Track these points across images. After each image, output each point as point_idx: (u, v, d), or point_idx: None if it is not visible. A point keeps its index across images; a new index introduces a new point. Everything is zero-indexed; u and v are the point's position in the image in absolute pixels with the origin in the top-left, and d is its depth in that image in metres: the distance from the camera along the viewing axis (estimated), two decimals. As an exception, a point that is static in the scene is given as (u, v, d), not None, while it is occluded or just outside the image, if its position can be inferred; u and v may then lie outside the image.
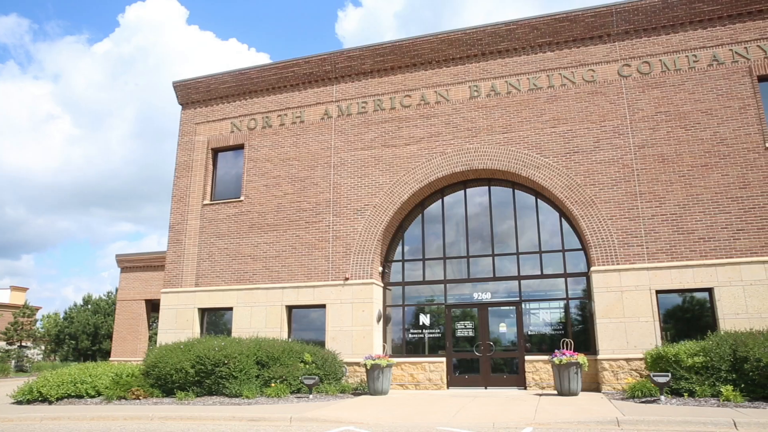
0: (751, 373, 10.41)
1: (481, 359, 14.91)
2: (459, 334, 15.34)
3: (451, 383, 14.90)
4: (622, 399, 11.50)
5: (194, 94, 18.90)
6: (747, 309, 12.57)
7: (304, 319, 16.22)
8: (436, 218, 16.29)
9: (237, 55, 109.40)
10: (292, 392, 13.24)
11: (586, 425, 8.75)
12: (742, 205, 13.16)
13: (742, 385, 10.53)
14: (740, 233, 13.03)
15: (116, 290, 32.77)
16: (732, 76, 13.93)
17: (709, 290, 13.06)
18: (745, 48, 13.96)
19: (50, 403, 12.97)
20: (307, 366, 13.72)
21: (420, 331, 15.68)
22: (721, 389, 10.41)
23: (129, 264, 25.64)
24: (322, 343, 15.28)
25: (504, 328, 15.15)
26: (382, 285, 16.04)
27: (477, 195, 16.11)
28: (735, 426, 8.17)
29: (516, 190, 15.67)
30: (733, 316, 12.60)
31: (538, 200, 15.39)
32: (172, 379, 13.34)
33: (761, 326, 11.87)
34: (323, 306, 15.70)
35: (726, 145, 13.59)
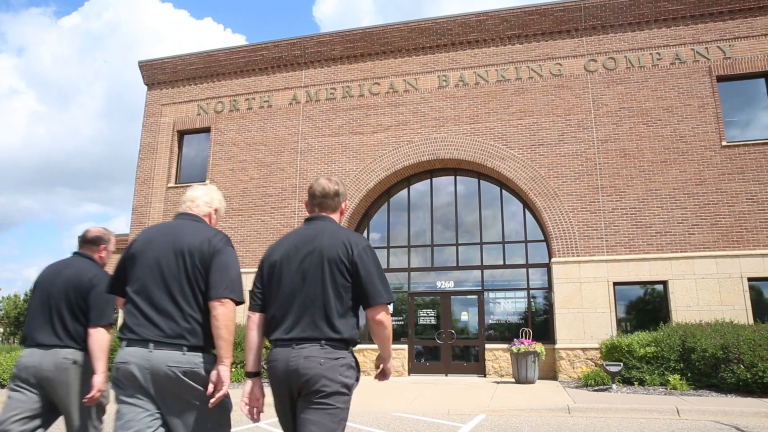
0: (697, 363, 10.80)
1: (442, 347, 15.11)
2: (422, 321, 15.50)
3: (412, 370, 15.08)
4: (577, 387, 11.81)
5: (160, 75, 18.53)
6: (698, 302, 12.99)
7: (268, 304, 16.16)
8: (401, 206, 16.36)
9: (212, 36, 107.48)
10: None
11: (537, 412, 8.96)
12: (697, 201, 13.54)
13: (689, 375, 10.92)
14: (695, 228, 13.42)
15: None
16: (693, 75, 14.25)
17: (664, 283, 13.44)
18: (706, 48, 14.29)
19: (3, 386, 12.71)
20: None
21: (383, 318, 15.77)
22: (669, 378, 10.77)
23: (91, 246, 25.16)
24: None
25: (466, 317, 15.37)
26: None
27: (443, 184, 16.23)
28: (678, 413, 8.47)
29: (482, 181, 15.82)
30: (685, 308, 13.01)
31: (503, 191, 15.57)
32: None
33: (710, 318, 12.28)
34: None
35: (685, 142, 13.93)
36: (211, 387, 2.59)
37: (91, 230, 3.75)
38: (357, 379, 2.60)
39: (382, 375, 2.81)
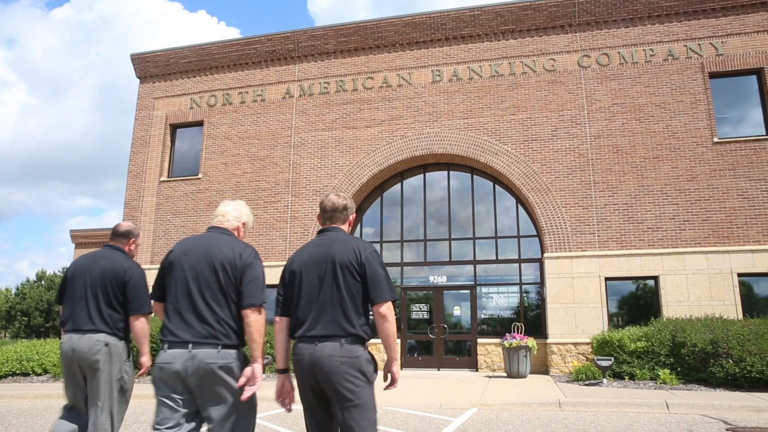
0: (687, 358, 10.89)
1: (434, 341, 15.16)
2: (414, 316, 15.54)
3: (405, 364, 15.13)
4: (568, 382, 11.89)
5: (153, 68, 18.42)
6: (689, 297, 13.08)
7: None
8: (395, 201, 16.37)
9: (206, 29, 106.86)
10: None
11: (528, 407, 9.01)
12: (689, 197, 13.62)
13: (679, 369, 11.02)
14: (686, 224, 13.50)
15: (71, 266, 32.01)
16: (685, 71, 14.30)
17: (655, 278, 13.53)
18: (699, 45, 14.34)
19: (-6, 380, 12.68)
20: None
21: (376, 313, 15.81)
22: (659, 373, 10.86)
23: (84, 240, 25.00)
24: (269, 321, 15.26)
25: (458, 312, 15.43)
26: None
27: (436, 179, 16.25)
28: (667, 407, 8.54)
29: (475, 176, 15.85)
30: (676, 303, 13.10)
31: (496, 186, 15.61)
32: (122, 357, 13.16)
33: (700, 313, 12.38)
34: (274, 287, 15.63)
35: (677, 138, 14.00)
36: (243, 380, 2.95)
37: (122, 224, 4.11)
38: (375, 370, 2.94)
39: (392, 383, 3.03)
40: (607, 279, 13.77)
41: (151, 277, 3.39)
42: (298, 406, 3.05)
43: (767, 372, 9.85)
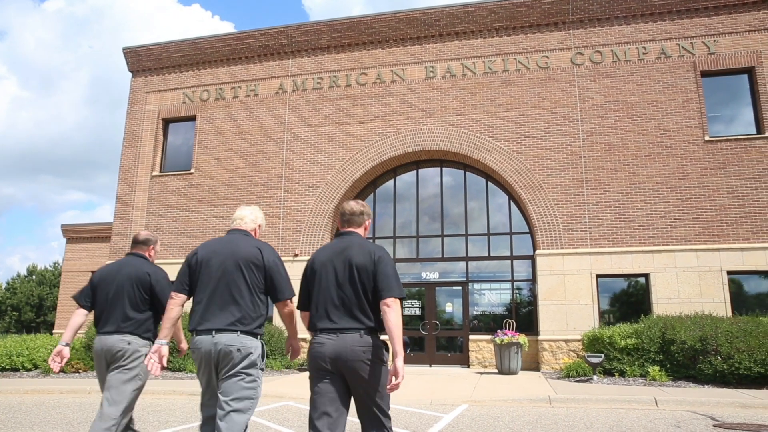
0: (676, 354, 10.97)
1: (426, 338, 15.20)
2: (406, 312, 15.55)
3: (396, 360, 15.12)
4: (559, 378, 11.95)
5: (145, 62, 18.30)
6: (679, 294, 13.17)
7: (253, 294, 16.13)
8: (387, 197, 16.37)
9: (200, 23, 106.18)
10: (237, 367, 13.20)
11: (519, 403, 9.06)
12: (680, 195, 13.70)
13: (668, 366, 11.10)
14: (677, 222, 13.58)
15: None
16: (678, 69, 14.36)
17: (646, 276, 13.61)
18: (691, 43, 14.40)
19: (-17, 375, 12.60)
20: (254, 341, 13.69)
21: (368, 309, 15.82)
22: (649, 369, 10.94)
23: (75, 234, 24.91)
24: (270, 318, 15.27)
25: (451, 308, 15.46)
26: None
27: (429, 176, 16.26)
28: (656, 403, 8.61)
29: (467, 172, 15.86)
30: (666, 300, 13.19)
31: (489, 183, 15.63)
32: (113, 352, 13.10)
33: (690, 311, 12.46)
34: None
35: (669, 136, 14.06)
36: (294, 352, 3.80)
37: (142, 233, 4.58)
38: (387, 352, 3.33)
39: (395, 376, 3.13)
40: (598, 276, 13.84)
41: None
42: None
43: (755, 369, 9.95)
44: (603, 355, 11.40)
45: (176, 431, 6.73)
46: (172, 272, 14.19)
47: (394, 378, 3.10)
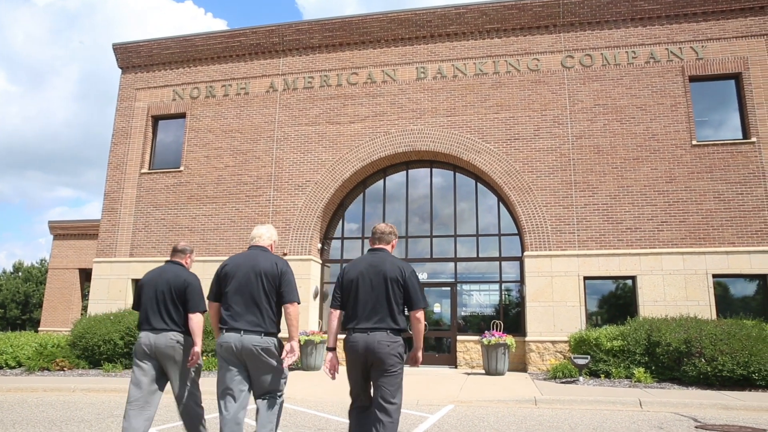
0: (661, 357, 11.07)
1: (415, 338, 15.20)
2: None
3: (384, 361, 15.14)
4: (545, 379, 12.00)
5: (135, 58, 18.19)
6: (665, 297, 13.28)
7: (241, 293, 16.07)
8: (377, 197, 16.38)
9: (193, 19, 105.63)
10: (224, 366, 13.15)
11: (505, 403, 9.09)
12: (667, 198, 13.81)
13: (653, 368, 11.19)
14: (664, 225, 13.69)
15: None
16: (666, 74, 14.48)
17: (633, 278, 13.71)
18: (680, 48, 14.52)
19: (-34, 372, 12.46)
20: (241, 340, 13.64)
21: (357, 308, 15.81)
22: (634, 371, 11.02)
23: (62, 231, 24.71)
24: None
25: (439, 308, 15.49)
26: (321, 262, 16.07)
27: (419, 176, 16.28)
28: (640, 405, 8.68)
29: (457, 173, 15.90)
30: (652, 303, 13.30)
31: (478, 184, 15.68)
32: (100, 350, 13.01)
33: (676, 313, 12.58)
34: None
35: (657, 140, 14.17)
36: (285, 353, 4.27)
37: (180, 243, 5.29)
38: (406, 351, 4.18)
39: (413, 361, 4.24)
40: (585, 278, 13.92)
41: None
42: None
43: (737, 371, 10.05)
44: (589, 357, 11.47)
45: (160, 429, 6.69)
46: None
47: (414, 362, 4.25)
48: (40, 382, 10.97)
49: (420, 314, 4.11)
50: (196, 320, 4.83)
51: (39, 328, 24.20)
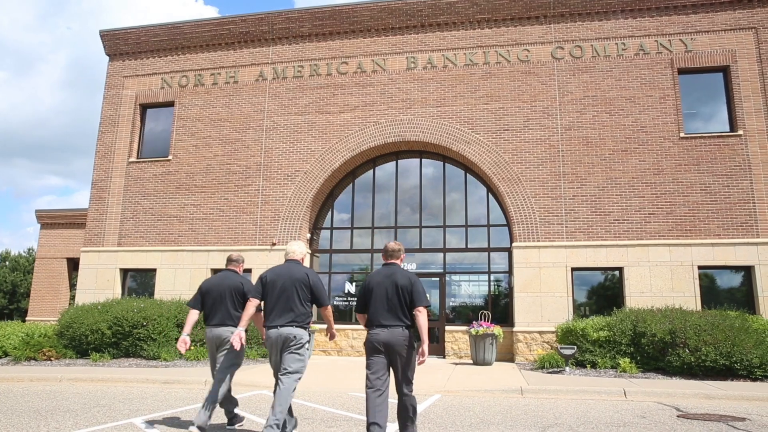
0: (646, 347, 11.19)
1: (403, 328, 15.27)
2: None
3: (373, 350, 15.20)
4: (532, 369, 12.10)
5: (123, 46, 17.98)
6: (651, 288, 13.41)
7: (230, 283, 16.04)
8: (366, 187, 16.36)
9: (183, 6, 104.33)
10: (212, 356, 13.17)
11: (491, 393, 9.17)
12: (654, 190, 13.90)
13: (639, 358, 11.31)
14: (651, 217, 13.79)
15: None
16: (655, 66, 14.52)
17: (620, 269, 13.82)
18: (669, 40, 14.56)
19: (-48, 361, 12.38)
20: (230, 330, 13.63)
21: (346, 298, 15.87)
22: (620, 361, 11.13)
23: (50, 220, 24.48)
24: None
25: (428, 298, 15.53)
26: (310, 252, 16.06)
27: (408, 167, 16.27)
28: (625, 395, 8.79)
29: (447, 164, 15.91)
30: (639, 294, 13.42)
31: (468, 175, 15.70)
32: (87, 340, 12.96)
33: (662, 304, 12.70)
34: (249, 270, 15.52)
35: (645, 132, 14.24)
36: (331, 337, 5.98)
37: (233, 254, 6.58)
38: (416, 341, 5.16)
39: (422, 355, 5.01)
40: (573, 269, 14.02)
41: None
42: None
43: (720, 361, 10.19)
44: (575, 347, 11.58)
45: (146, 419, 6.69)
46: (148, 260, 14.10)
47: (421, 356, 5.01)
48: (27, 371, 10.92)
49: (422, 309, 5.09)
50: (257, 314, 5.93)
51: (26, 318, 24.05)
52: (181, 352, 6.07)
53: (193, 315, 6.23)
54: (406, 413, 5.17)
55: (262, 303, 5.65)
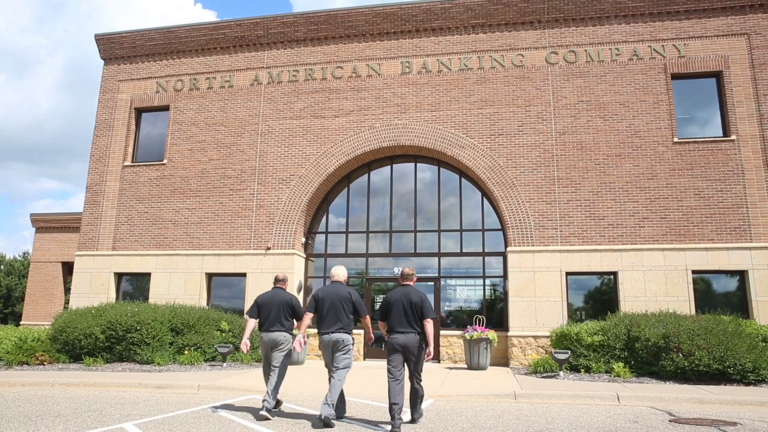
0: (640, 351, 11.19)
1: (398, 332, 15.27)
2: (377, 307, 15.57)
3: (368, 355, 15.20)
4: (526, 374, 12.09)
5: (118, 50, 17.99)
6: (645, 292, 13.43)
7: (225, 287, 16.04)
8: (361, 192, 16.37)
9: (181, 10, 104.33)
10: (206, 360, 13.14)
11: (485, 398, 9.15)
12: (648, 195, 13.94)
13: (632, 363, 11.31)
14: (645, 221, 13.83)
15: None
16: (649, 71, 14.59)
17: (614, 274, 13.84)
18: (663, 46, 14.63)
19: (-56, 366, 12.31)
20: (224, 334, 13.61)
21: (341, 303, 15.81)
22: (614, 366, 11.13)
23: (45, 224, 24.42)
24: (242, 312, 15.19)
25: (422, 303, 15.51)
26: (305, 256, 16.05)
27: (403, 171, 16.29)
28: (618, 399, 8.78)
29: (441, 168, 15.94)
30: (633, 298, 13.44)
31: (462, 179, 15.72)
32: (80, 344, 12.92)
33: (656, 308, 12.72)
34: (244, 275, 15.56)
35: (639, 137, 14.29)
36: (368, 340, 7.46)
37: (280, 275, 8.04)
38: (425, 343, 6.71)
39: (428, 354, 6.64)
40: (567, 274, 14.03)
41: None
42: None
43: (713, 365, 10.20)
44: (569, 352, 11.57)
45: (137, 424, 6.66)
46: (142, 264, 14.05)
47: (428, 355, 6.63)
48: (19, 376, 10.86)
49: (429, 320, 6.66)
50: (304, 323, 7.28)
51: (21, 322, 23.94)
52: (244, 351, 7.72)
53: (252, 323, 7.65)
54: (417, 396, 6.79)
55: (314, 315, 7.11)
